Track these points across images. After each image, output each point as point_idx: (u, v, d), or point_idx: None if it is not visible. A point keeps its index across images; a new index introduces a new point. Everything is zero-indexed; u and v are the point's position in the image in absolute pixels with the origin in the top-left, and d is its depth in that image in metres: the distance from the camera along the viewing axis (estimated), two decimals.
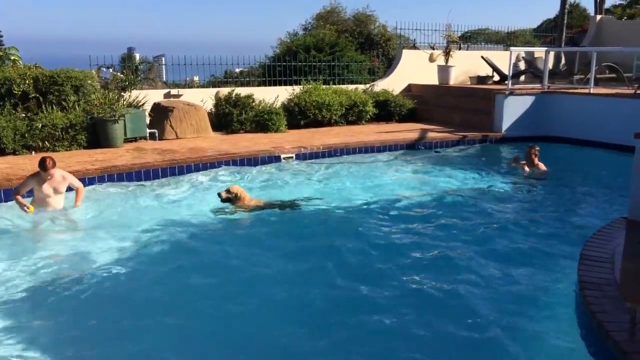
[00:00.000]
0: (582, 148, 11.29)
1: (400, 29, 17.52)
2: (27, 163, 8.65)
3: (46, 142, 9.66)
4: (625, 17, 23.71)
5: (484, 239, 6.30)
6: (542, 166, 9.27)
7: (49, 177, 6.75)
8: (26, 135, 9.50)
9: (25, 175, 7.79)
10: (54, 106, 10.13)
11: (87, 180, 8.09)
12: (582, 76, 14.41)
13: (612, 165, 9.93)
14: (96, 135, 10.11)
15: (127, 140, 10.57)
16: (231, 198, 7.14)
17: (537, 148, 9.35)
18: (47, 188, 6.81)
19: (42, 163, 6.63)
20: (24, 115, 9.83)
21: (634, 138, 5.68)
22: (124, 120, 10.30)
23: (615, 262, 4.57)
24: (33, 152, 9.53)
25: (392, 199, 7.85)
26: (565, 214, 7.36)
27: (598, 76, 13.18)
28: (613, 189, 8.36)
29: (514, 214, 7.32)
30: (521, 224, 6.91)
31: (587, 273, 4.32)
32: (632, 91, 11.64)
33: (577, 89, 12.84)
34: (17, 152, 9.47)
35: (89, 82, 10.80)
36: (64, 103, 10.27)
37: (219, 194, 7.20)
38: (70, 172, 7.95)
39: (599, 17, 19.91)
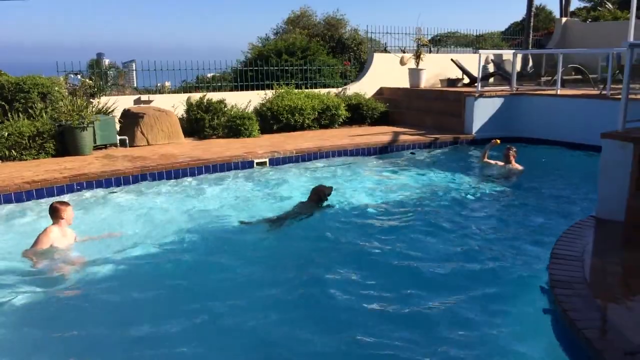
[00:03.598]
0: (550, 148, 11.47)
1: (372, 32, 17.67)
2: None
3: (13, 151, 9.44)
4: (589, 20, 24.25)
5: (458, 239, 6.37)
6: (519, 166, 9.42)
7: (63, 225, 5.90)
8: None
9: None
10: (20, 114, 9.91)
11: (56, 189, 7.94)
12: (549, 78, 14.68)
13: (580, 164, 10.13)
14: (64, 143, 9.92)
15: (97, 148, 10.40)
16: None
17: (515, 149, 9.49)
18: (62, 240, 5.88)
19: (54, 209, 5.90)
20: None
21: (601, 138, 5.81)
22: (93, 127, 10.13)
23: (585, 260, 4.65)
24: None
25: (366, 201, 7.88)
26: (536, 213, 7.47)
27: (565, 77, 13.45)
28: (581, 187, 8.53)
29: (485, 214, 7.42)
30: (492, 223, 7.02)
31: (557, 271, 4.39)
32: (598, 92, 11.90)
33: (544, 90, 13.08)
34: None
35: (57, 88, 10.62)
36: (30, 111, 10.06)
37: (327, 194, 7.40)
38: (38, 182, 7.84)
39: (564, 19, 20.35)
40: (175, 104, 12.34)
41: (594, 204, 6.09)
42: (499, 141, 9.77)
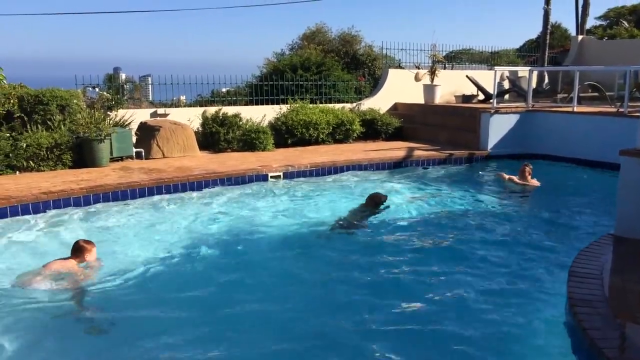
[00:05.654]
0: (566, 165, 11.39)
1: (386, 48, 17.74)
2: (11, 183, 8.54)
3: (31, 162, 9.56)
4: (606, 37, 24.17)
5: (473, 256, 6.31)
6: (535, 182, 9.38)
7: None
8: (10, 155, 9.38)
9: (9, 195, 7.69)
10: (39, 126, 10.04)
11: (73, 200, 8.01)
12: (566, 95, 14.61)
13: (596, 182, 10.03)
14: (82, 154, 10.02)
15: (114, 160, 10.49)
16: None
17: (531, 166, 9.50)
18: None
19: (79, 248, 5.62)
20: (8, 135, 9.71)
21: (619, 155, 5.76)
22: (110, 140, 10.24)
23: (604, 278, 4.58)
24: (17, 172, 9.42)
25: (380, 216, 7.85)
26: (553, 231, 7.39)
27: (581, 95, 13.38)
28: (599, 205, 8.43)
29: (502, 231, 7.34)
30: (509, 241, 6.93)
31: (576, 289, 4.32)
32: (615, 109, 11.82)
33: (560, 107, 13.01)
34: (0, 172, 9.34)
35: (75, 101, 10.74)
36: (49, 122, 10.18)
37: (383, 201, 7.94)
38: (55, 192, 7.91)
39: (580, 37, 20.30)
40: (190, 118, 12.45)
41: (612, 222, 6.01)
42: (507, 176, 9.72)
